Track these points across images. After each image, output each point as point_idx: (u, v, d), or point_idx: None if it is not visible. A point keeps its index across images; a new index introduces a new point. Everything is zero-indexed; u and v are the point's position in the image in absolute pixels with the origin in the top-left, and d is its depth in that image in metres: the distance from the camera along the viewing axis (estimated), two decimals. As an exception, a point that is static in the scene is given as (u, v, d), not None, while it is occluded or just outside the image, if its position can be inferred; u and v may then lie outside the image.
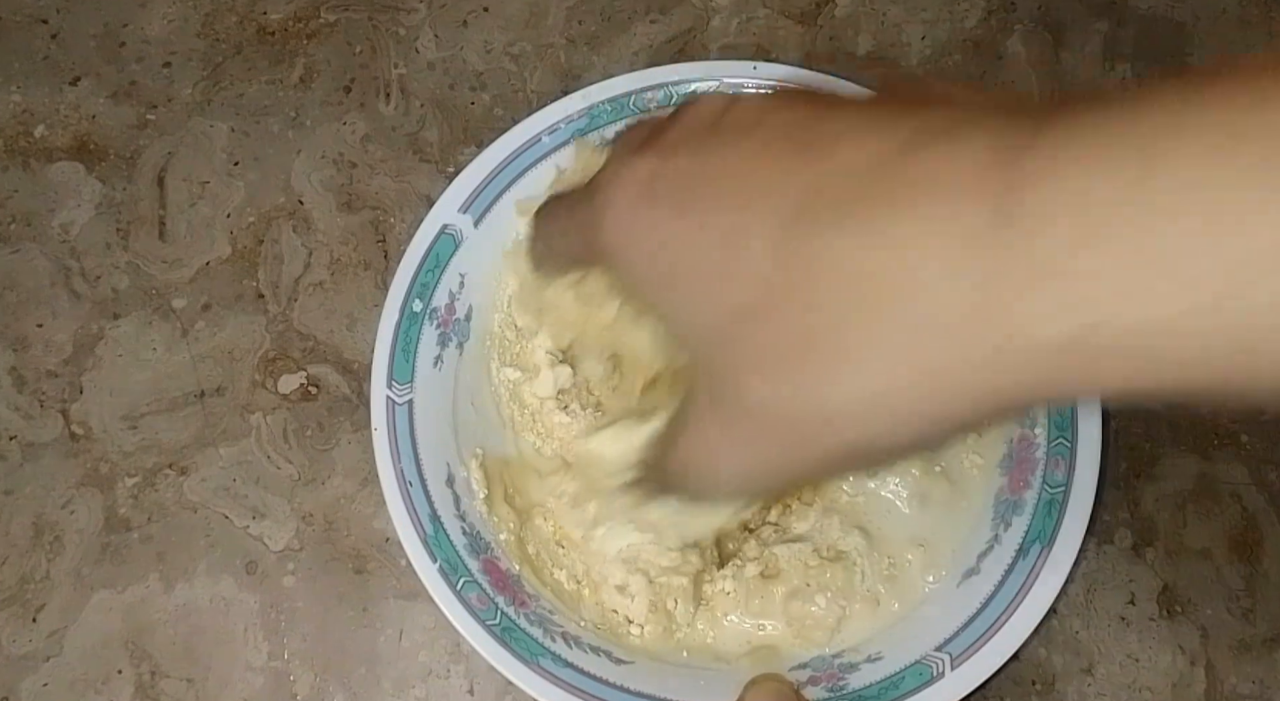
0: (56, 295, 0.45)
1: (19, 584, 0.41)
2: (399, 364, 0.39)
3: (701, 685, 0.36)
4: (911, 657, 0.36)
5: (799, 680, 0.36)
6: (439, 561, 0.36)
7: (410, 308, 0.40)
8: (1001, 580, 0.36)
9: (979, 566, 0.37)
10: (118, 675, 0.40)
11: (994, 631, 0.35)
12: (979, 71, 0.49)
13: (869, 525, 0.39)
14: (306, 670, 0.40)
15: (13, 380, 0.44)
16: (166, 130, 0.48)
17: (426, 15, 0.50)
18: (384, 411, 0.38)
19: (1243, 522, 0.41)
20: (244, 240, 0.46)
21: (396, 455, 0.37)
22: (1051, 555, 0.36)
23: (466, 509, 0.38)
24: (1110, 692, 0.39)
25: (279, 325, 0.45)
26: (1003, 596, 0.36)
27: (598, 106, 0.42)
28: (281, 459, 0.43)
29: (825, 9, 0.50)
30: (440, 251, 0.40)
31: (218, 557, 0.41)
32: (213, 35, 0.50)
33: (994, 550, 0.37)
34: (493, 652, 0.35)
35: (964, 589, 0.37)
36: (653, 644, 0.37)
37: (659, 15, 0.50)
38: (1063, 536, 0.36)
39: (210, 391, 0.44)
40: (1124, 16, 0.49)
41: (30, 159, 0.48)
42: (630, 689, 0.35)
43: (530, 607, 0.36)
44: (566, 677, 0.35)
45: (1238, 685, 0.39)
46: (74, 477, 0.42)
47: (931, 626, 0.36)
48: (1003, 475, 0.39)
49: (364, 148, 0.48)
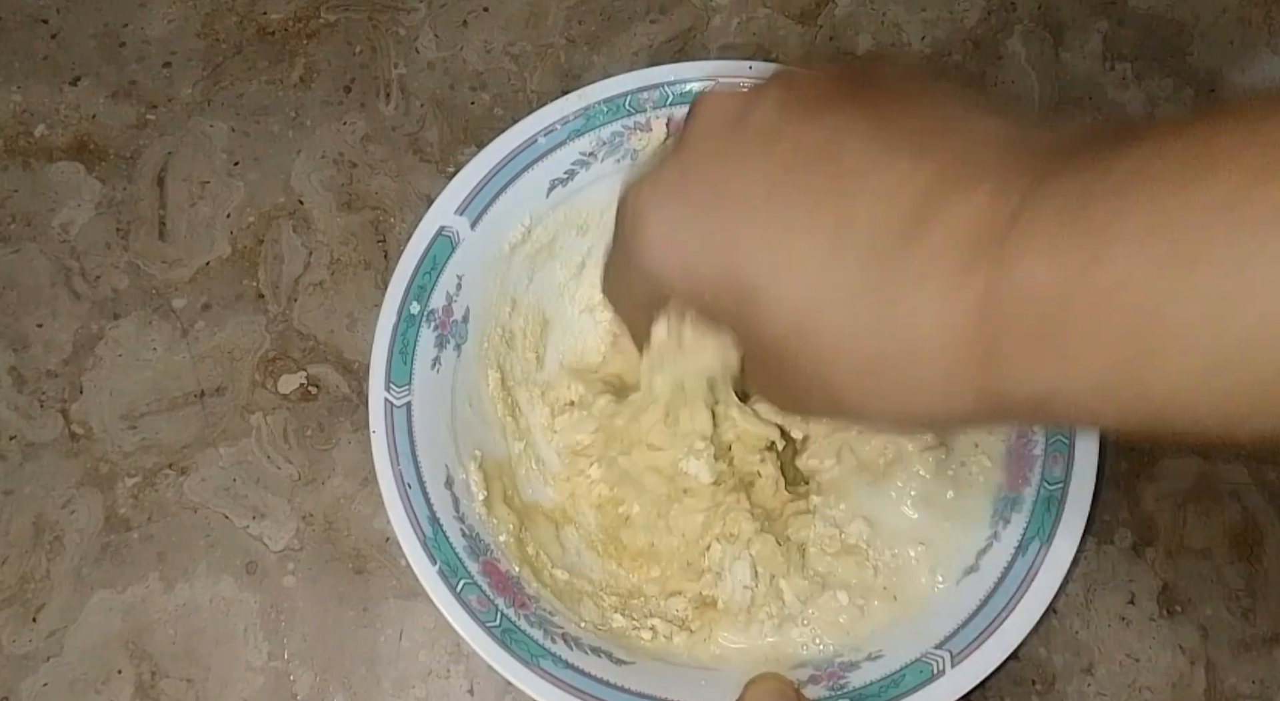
0: (56, 295, 0.45)
1: (19, 584, 0.41)
2: (397, 366, 0.39)
3: (702, 685, 0.36)
4: (912, 655, 0.36)
5: (799, 679, 0.36)
6: (439, 563, 0.36)
7: (408, 310, 0.39)
8: (1001, 577, 0.36)
9: (978, 564, 0.37)
10: (118, 675, 0.40)
11: (994, 628, 0.35)
12: (979, 71, 0.48)
13: (873, 516, 0.39)
14: (306, 670, 0.40)
15: (13, 380, 0.44)
16: (166, 130, 0.48)
17: (426, 15, 0.50)
18: (382, 414, 0.38)
19: (1243, 522, 0.41)
20: (244, 240, 0.46)
21: (395, 457, 0.37)
22: (1051, 552, 0.36)
23: (465, 510, 0.38)
24: (1110, 692, 0.39)
25: (279, 325, 0.45)
26: (1002, 593, 0.36)
27: (594, 107, 0.42)
28: (281, 459, 0.43)
29: (825, 8, 0.50)
30: (437, 253, 0.40)
31: (218, 557, 0.41)
32: (213, 35, 0.50)
33: (993, 547, 0.37)
34: (493, 654, 0.35)
35: (963, 586, 0.37)
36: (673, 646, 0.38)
37: (659, 15, 0.50)
38: (1062, 533, 0.36)
39: (210, 391, 0.44)
40: (1124, 16, 0.49)
41: (30, 159, 0.48)
42: (631, 689, 0.35)
43: (530, 609, 0.36)
44: (567, 678, 0.35)
45: (1238, 684, 0.39)
46: (74, 477, 0.42)
47: (931, 624, 0.36)
48: (1002, 472, 0.39)
49: (364, 148, 0.48)
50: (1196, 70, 0.49)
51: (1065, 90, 0.48)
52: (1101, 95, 0.48)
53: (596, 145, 0.42)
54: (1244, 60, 0.49)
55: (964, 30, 0.49)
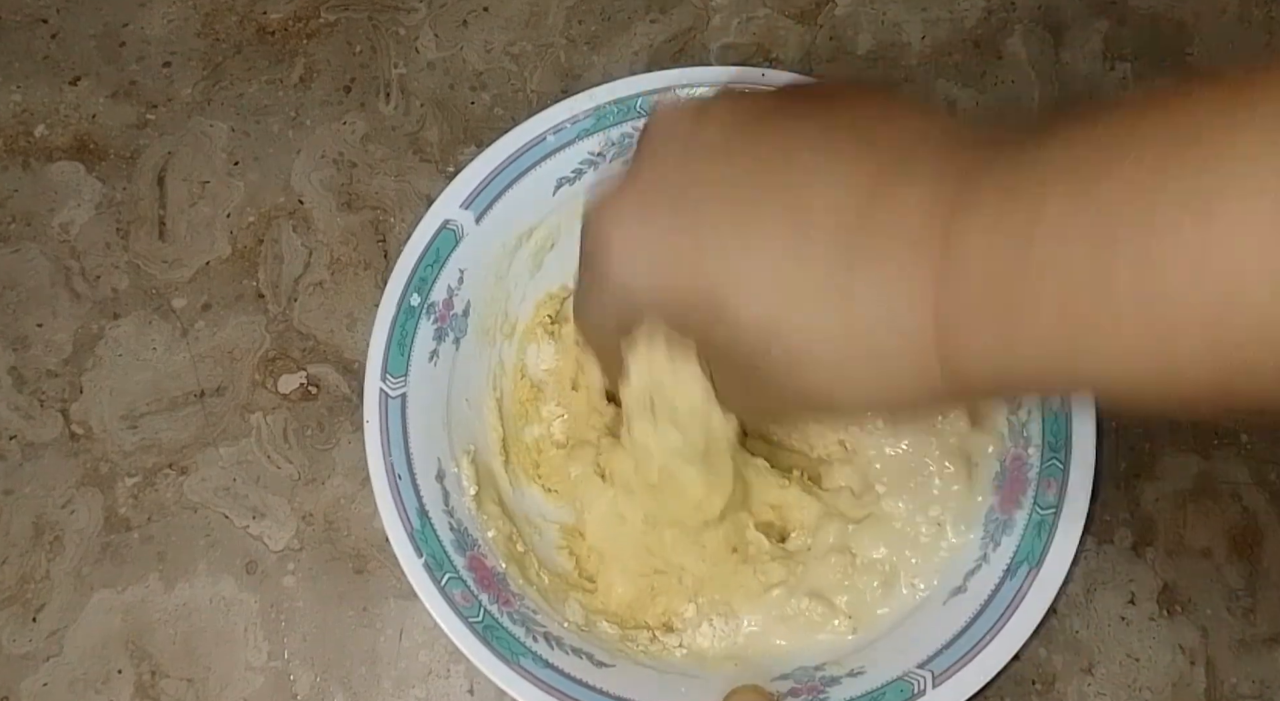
0: (56, 295, 0.45)
1: (19, 584, 0.41)
2: (394, 357, 0.39)
3: (682, 691, 0.36)
4: (894, 673, 0.35)
5: (779, 691, 0.36)
6: (425, 556, 0.36)
7: (408, 301, 0.39)
8: (988, 600, 0.36)
9: (966, 584, 0.37)
10: (118, 675, 0.40)
11: (978, 651, 0.35)
12: (979, 71, 0.48)
13: (855, 541, 0.39)
14: (306, 670, 0.40)
15: (13, 380, 0.44)
16: (166, 130, 0.48)
17: (426, 15, 0.50)
18: (376, 404, 0.38)
19: (1243, 522, 0.41)
20: (244, 240, 0.46)
21: (387, 448, 0.37)
22: (1039, 577, 0.36)
23: (455, 505, 0.38)
24: (1110, 692, 0.39)
25: (279, 325, 0.45)
26: (988, 616, 0.36)
27: (605, 107, 0.42)
28: (281, 459, 0.43)
29: (825, 8, 0.50)
30: (440, 246, 0.40)
31: (218, 557, 0.41)
32: (213, 35, 0.50)
33: (981, 569, 0.37)
34: (474, 651, 0.35)
35: (950, 607, 0.37)
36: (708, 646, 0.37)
37: (659, 15, 0.50)
38: (1051, 558, 0.36)
39: (210, 391, 0.44)
40: (1124, 15, 0.49)
41: (30, 159, 0.48)
42: (610, 692, 0.35)
43: (514, 606, 0.36)
44: (546, 678, 0.35)
45: (1238, 684, 0.39)
46: (74, 477, 0.42)
47: (915, 643, 0.36)
48: (994, 493, 0.38)
49: (364, 147, 0.48)
50: (1196, 70, 0.48)
51: (1065, 90, 0.48)
52: (1101, 95, 0.48)
53: (605, 145, 0.42)
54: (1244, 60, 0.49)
55: (964, 30, 0.49)
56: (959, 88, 0.48)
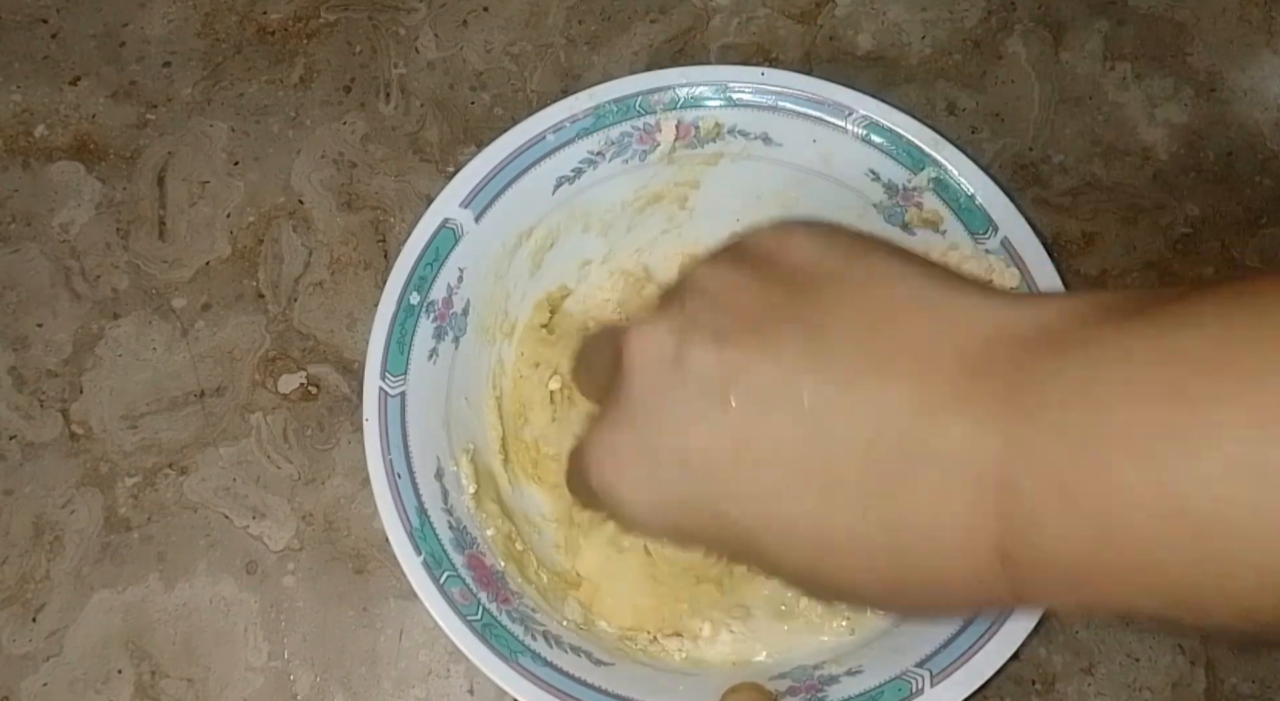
0: (56, 295, 0.45)
1: (19, 584, 0.41)
2: (393, 355, 0.39)
3: (681, 690, 0.36)
4: (892, 672, 0.35)
5: (778, 689, 0.36)
6: (423, 554, 0.36)
7: (407, 300, 0.39)
8: None
9: None
10: (118, 675, 0.40)
11: (976, 650, 0.35)
12: (979, 71, 0.49)
13: None
14: (306, 670, 0.40)
15: (13, 380, 0.44)
16: (166, 130, 0.48)
17: (426, 15, 0.50)
18: (376, 402, 0.38)
19: (1243, 522, 0.41)
20: (244, 240, 0.46)
21: (386, 447, 0.37)
22: None
23: (454, 503, 0.38)
24: (1110, 692, 0.39)
25: (279, 325, 0.45)
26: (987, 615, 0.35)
27: (604, 106, 0.42)
28: (281, 459, 0.43)
29: (825, 8, 0.50)
30: (440, 245, 0.40)
31: (218, 557, 0.41)
32: (213, 35, 0.50)
33: None
34: (473, 649, 0.35)
35: None
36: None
37: (659, 15, 0.50)
38: None
39: (210, 391, 0.44)
40: (1124, 16, 0.49)
41: (30, 159, 0.48)
42: (609, 690, 0.35)
43: (513, 604, 0.36)
44: (545, 676, 0.35)
45: (1238, 685, 0.39)
46: (74, 477, 0.42)
47: (913, 642, 0.36)
48: None
49: (364, 147, 0.48)
50: (1196, 70, 0.49)
51: (1065, 90, 0.48)
52: (1101, 95, 0.48)
53: (605, 145, 0.42)
54: (1244, 60, 0.49)
55: (964, 30, 0.49)
56: (959, 88, 0.48)
